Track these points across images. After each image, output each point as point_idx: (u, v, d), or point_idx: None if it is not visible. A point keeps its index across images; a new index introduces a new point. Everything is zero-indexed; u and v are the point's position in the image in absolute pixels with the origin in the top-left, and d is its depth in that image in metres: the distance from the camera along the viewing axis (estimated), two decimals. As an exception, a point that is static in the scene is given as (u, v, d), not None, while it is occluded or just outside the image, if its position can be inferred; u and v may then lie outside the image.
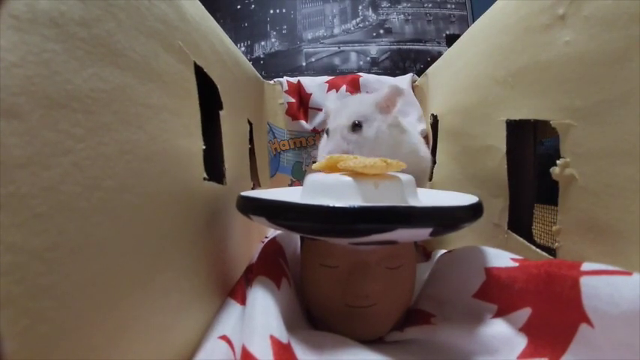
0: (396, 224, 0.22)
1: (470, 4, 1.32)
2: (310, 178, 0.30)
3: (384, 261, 0.28)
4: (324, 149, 0.41)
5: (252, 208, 0.26)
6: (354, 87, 0.68)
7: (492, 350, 0.24)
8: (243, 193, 0.28)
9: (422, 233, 0.23)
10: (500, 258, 0.27)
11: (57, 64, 0.14)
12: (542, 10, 0.27)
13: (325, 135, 0.43)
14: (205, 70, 0.30)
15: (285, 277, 0.30)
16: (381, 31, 1.32)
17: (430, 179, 0.52)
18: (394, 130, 0.42)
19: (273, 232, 0.49)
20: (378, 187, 0.27)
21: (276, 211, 0.24)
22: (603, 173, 0.23)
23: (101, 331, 0.15)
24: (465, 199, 0.29)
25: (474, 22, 0.42)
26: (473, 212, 0.25)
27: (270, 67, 1.30)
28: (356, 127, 0.40)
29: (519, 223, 0.34)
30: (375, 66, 1.28)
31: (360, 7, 1.33)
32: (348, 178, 0.27)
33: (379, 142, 0.40)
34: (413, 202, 0.29)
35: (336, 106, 0.45)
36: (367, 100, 0.43)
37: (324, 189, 0.27)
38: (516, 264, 0.26)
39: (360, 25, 1.33)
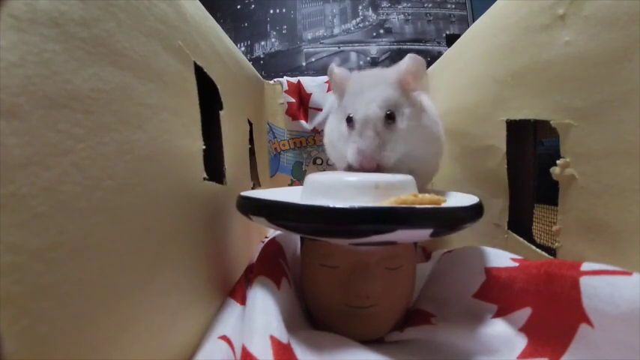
0: (396, 225, 0.22)
1: (470, 4, 1.32)
2: (310, 178, 0.30)
3: (384, 261, 0.28)
4: (350, 145, 0.32)
5: (252, 208, 0.26)
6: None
7: (492, 350, 0.24)
8: (243, 193, 0.28)
9: (422, 234, 0.23)
10: (500, 258, 0.27)
11: (57, 64, 0.14)
12: (543, 10, 0.27)
13: (344, 124, 0.34)
14: (205, 70, 0.30)
15: (285, 277, 0.30)
16: (381, 31, 1.32)
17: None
18: (423, 117, 0.34)
19: (273, 232, 0.49)
20: (379, 188, 0.27)
21: (276, 212, 0.24)
22: (603, 173, 0.23)
23: (101, 331, 0.15)
24: (466, 199, 0.29)
25: (474, 22, 0.42)
26: (473, 213, 0.25)
27: (270, 67, 1.30)
28: (389, 118, 0.32)
29: (519, 223, 0.34)
30: (375, 66, 1.28)
31: (360, 7, 1.33)
32: (348, 178, 0.27)
33: (410, 134, 0.32)
34: None
35: (348, 82, 0.35)
36: (391, 79, 0.34)
37: (325, 189, 0.27)
38: (516, 264, 0.26)
39: (360, 25, 1.33)
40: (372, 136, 0.31)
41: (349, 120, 0.33)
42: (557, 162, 0.26)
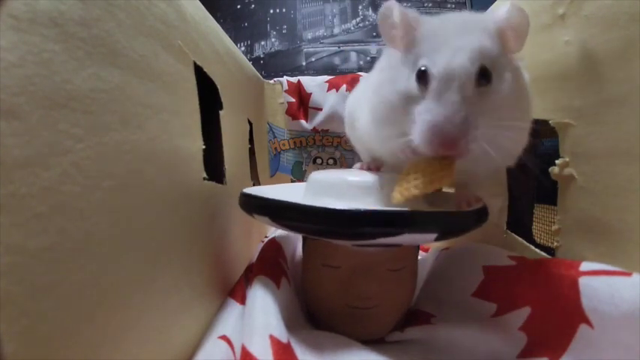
0: (402, 229, 0.21)
1: (470, 4, 1.32)
2: (314, 177, 0.29)
3: (387, 263, 0.28)
4: (420, 117, 0.21)
5: (256, 207, 0.26)
6: (355, 87, 0.68)
7: (492, 350, 0.24)
8: (246, 191, 0.28)
9: (427, 238, 0.23)
10: (498, 256, 0.28)
11: (57, 64, 0.14)
12: (543, 9, 0.27)
13: (412, 82, 0.22)
14: (205, 70, 0.30)
15: (284, 277, 0.30)
16: (381, 31, 1.32)
17: None
18: (522, 93, 0.24)
19: (273, 231, 0.49)
20: (384, 189, 0.26)
21: (281, 212, 0.24)
22: (603, 173, 0.23)
23: (101, 331, 0.15)
24: None
25: (473, 21, 0.42)
26: (478, 217, 0.25)
27: (270, 67, 1.30)
28: (483, 77, 0.21)
29: (519, 223, 0.34)
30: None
31: (360, 7, 1.33)
32: (352, 178, 0.27)
33: (510, 107, 0.22)
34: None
35: (422, 26, 0.24)
36: (489, 26, 0.23)
37: (328, 188, 0.27)
38: (514, 262, 0.26)
39: (360, 25, 1.32)
40: (458, 101, 0.20)
41: (421, 75, 0.22)
42: (557, 162, 0.26)
